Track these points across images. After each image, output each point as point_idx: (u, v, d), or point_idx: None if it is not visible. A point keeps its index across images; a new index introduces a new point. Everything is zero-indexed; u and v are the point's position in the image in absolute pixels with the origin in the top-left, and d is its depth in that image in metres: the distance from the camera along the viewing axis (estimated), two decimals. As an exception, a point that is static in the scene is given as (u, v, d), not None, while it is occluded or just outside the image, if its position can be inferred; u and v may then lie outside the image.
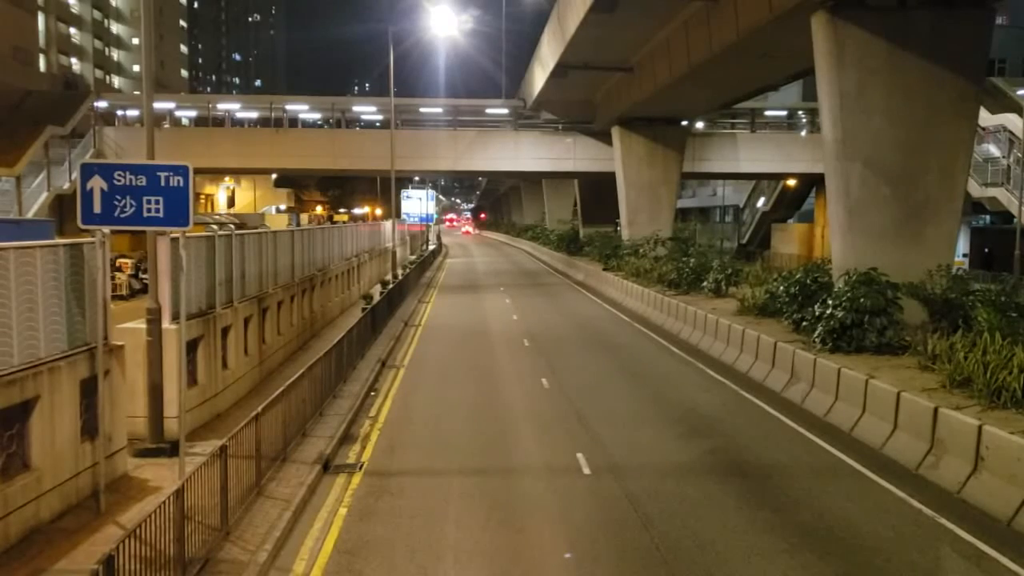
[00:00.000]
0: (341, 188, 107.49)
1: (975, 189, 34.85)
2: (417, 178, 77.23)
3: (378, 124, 54.97)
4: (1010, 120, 36.59)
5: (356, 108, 57.30)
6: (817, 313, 19.53)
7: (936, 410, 12.63)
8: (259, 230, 23.73)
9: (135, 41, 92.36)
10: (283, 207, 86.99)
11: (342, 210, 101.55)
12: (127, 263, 33.94)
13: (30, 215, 42.14)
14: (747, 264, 41.63)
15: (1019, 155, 34.27)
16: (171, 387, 12.77)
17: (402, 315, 31.23)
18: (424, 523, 10.71)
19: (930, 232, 20.35)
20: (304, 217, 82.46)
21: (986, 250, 42.79)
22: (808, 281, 22.21)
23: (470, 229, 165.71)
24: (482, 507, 11.35)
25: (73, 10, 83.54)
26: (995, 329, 15.62)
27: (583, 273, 48.79)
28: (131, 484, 11.48)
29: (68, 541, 9.44)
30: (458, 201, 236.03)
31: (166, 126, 52.13)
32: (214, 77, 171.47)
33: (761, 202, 65.53)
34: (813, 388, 17.01)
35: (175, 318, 13.28)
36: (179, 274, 12.13)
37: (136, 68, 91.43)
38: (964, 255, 40.35)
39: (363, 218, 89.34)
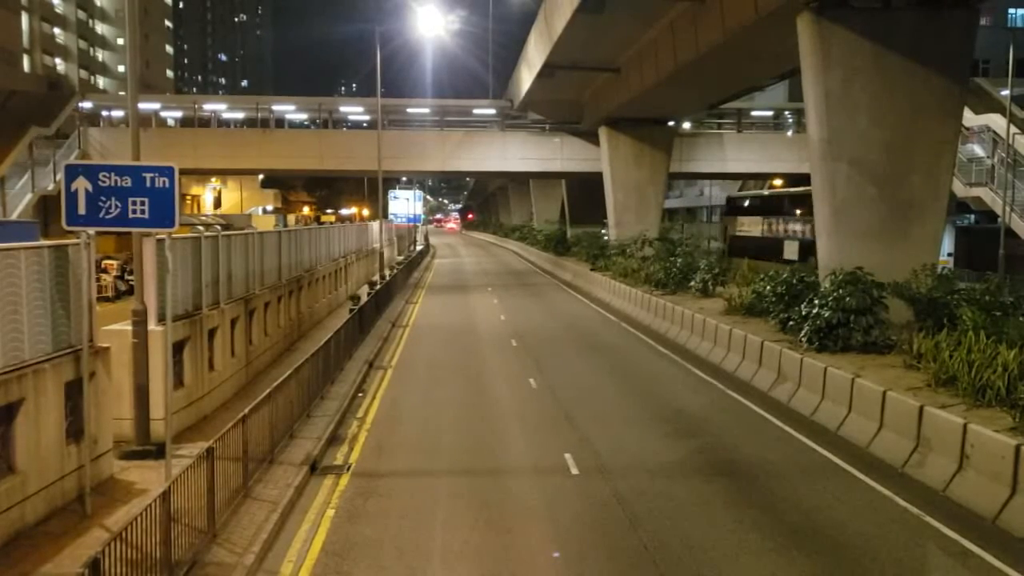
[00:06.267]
0: (328, 189, 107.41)
1: (960, 189, 35.04)
2: (405, 178, 77.13)
3: (365, 125, 54.82)
4: (994, 120, 36.80)
5: (343, 109, 57.18)
6: (803, 312, 19.64)
7: (921, 409, 12.71)
8: (246, 231, 23.64)
9: (120, 41, 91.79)
10: (270, 208, 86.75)
11: (329, 211, 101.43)
12: (112, 264, 33.77)
13: (14, 216, 41.88)
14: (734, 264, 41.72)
15: (1003, 155, 34.49)
16: (157, 389, 12.70)
17: (390, 316, 31.17)
18: (412, 524, 10.69)
19: (915, 231, 20.49)
20: (291, 218, 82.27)
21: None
22: (794, 281, 22.33)
23: (455, 226, 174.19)
24: (470, 507, 11.34)
25: (57, 10, 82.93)
26: (980, 328, 15.74)
27: (571, 273, 48.83)
28: (117, 487, 11.42)
29: (54, 544, 9.38)
30: (446, 201, 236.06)
31: (152, 127, 51.83)
32: (200, 77, 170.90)
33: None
34: (800, 387, 17.08)
35: (161, 320, 13.21)
36: (165, 275, 12.06)
37: (121, 68, 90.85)
38: (949, 254, 40.57)
39: (350, 219, 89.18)
